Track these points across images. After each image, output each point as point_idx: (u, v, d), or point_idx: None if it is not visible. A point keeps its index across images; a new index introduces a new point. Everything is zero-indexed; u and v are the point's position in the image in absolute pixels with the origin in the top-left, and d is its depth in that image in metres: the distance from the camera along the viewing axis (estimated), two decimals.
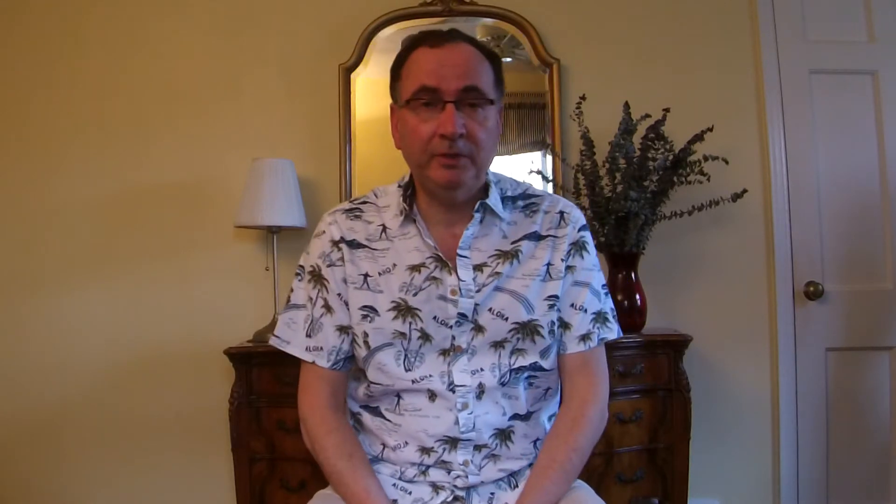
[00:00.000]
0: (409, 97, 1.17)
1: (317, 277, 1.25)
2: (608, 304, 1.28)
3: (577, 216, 1.28)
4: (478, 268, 1.21)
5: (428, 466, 1.20)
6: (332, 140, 2.39)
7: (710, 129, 2.13)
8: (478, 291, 1.20)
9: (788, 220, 2.38)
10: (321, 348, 1.24)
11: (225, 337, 2.20)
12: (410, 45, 1.20)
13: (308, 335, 1.25)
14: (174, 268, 2.39)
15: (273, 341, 1.28)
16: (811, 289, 2.34)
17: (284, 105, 2.42)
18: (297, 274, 1.28)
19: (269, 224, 2.19)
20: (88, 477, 2.35)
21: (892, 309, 2.37)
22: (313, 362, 1.24)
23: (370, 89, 2.41)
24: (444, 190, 1.20)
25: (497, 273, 1.21)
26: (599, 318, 1.25)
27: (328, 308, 1.24)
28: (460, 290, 1.19)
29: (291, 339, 1.26)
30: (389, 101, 1.26)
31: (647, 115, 2.15)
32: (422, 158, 1.18)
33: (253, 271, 2.36)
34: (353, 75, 2.40)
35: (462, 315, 1.19)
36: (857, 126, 2.41)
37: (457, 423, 1.18)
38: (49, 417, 2.36)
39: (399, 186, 1.28)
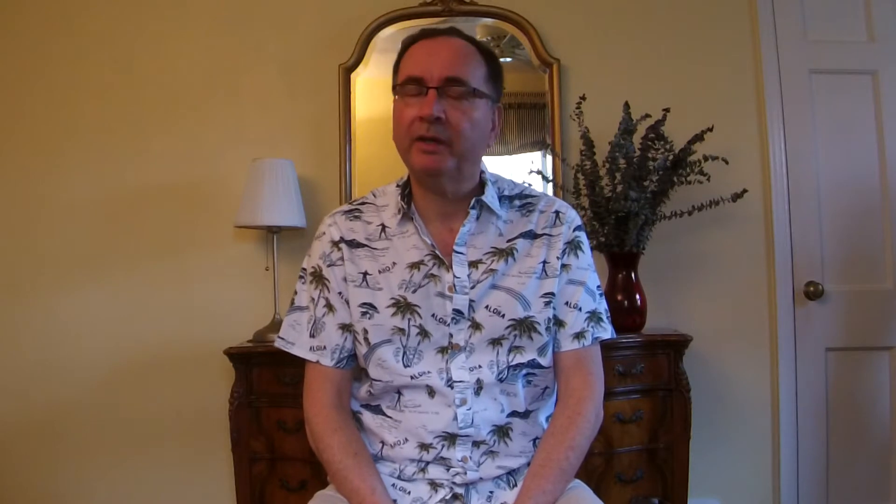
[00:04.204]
0: (396, 85, 1.21)
1: (318, 278, 1.27)
2: (602, 305, 1.29)
3: (573, 216, 1.30)
4: (473, 264, 1.23)
5: (427, 463, 1.20)
6: (332, 140, 2.39)
7: (710, 129, 2.13)
8: (472, 288, 1.21)
9: (788, 220, 2.38)
10: (324, 347, 1.25)
11: (225, 337, 2.20)
12: (410, 43, 1.24)
13: (311, 335, 1.26)
14: (174, 268, 2.39)
15: (278, 343, 1.30)
16: (811, 289, 2.34)
17: (284, 105, 2.42)
18: (300, 277, 1.31)
19: (269, 224, 2.19)
20: (88, 477, 2.35)
21: (892, 309, 2.37)
22: (317, 361, 1.25)
23: (370, 89, 2.42)
24: (426, 177, 1.22)
25: (492, 270, 1.22)
26: (594, 317, 1.26)
27: (330, 307, 1.25)
28: (455, 286, 1.20)
29: (296, 341, 1.28)
30: (389, 101, 1.28)
31: (647, 115, 2.15)
32: (404, 143, 1.20)
33: (253, 271, 2.36)
34: (353, 75, 2.40)
35: (457, 311, 1.20)
36: (857, 126, 2.41)
37: (455, 418, 1.18)
38: (49, 417, 2.36)
39: (397, 186, 1.29)
